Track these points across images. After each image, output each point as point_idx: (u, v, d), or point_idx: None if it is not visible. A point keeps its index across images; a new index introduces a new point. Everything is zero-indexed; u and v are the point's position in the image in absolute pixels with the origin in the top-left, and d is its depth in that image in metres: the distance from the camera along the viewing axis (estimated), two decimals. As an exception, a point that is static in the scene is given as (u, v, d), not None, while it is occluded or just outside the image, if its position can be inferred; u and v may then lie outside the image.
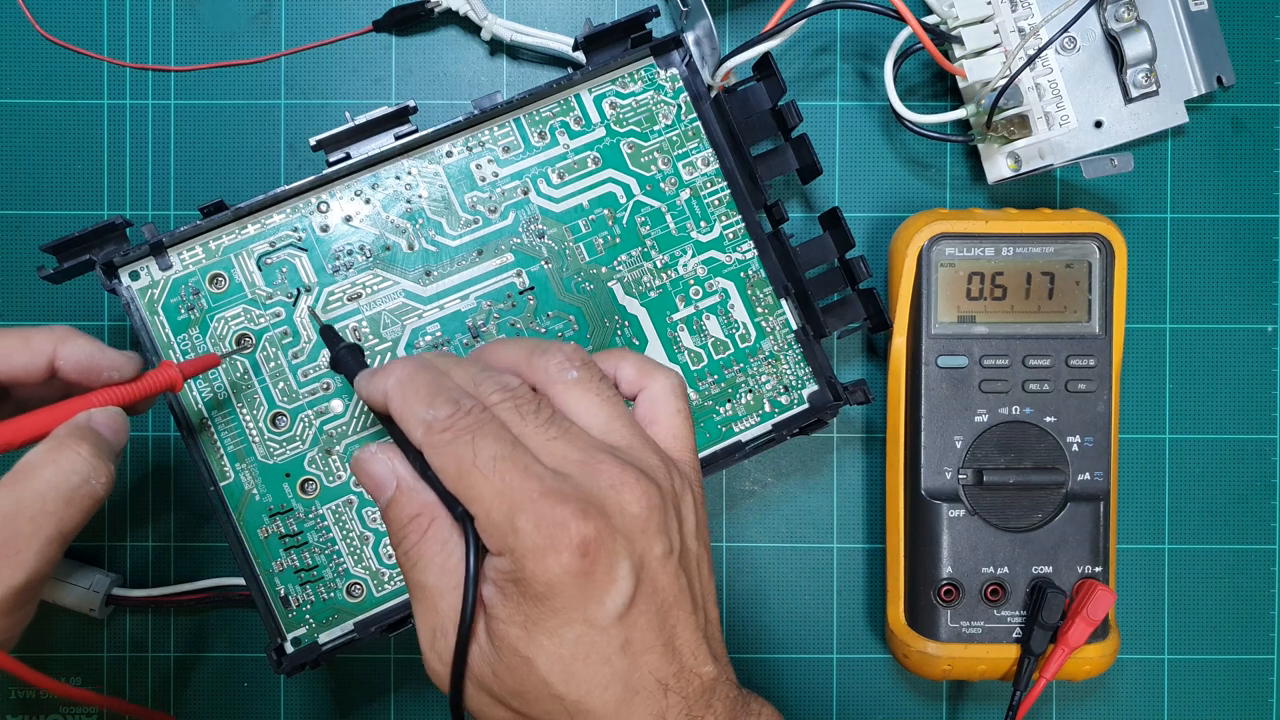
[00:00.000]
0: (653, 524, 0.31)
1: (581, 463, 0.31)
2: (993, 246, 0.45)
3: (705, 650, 0.32)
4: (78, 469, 0.33)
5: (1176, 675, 0.49)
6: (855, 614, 0.49)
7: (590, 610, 0.30)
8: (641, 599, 0.30)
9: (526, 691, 0.30)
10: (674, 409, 0.34)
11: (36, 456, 0.33)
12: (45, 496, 0.33)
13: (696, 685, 0.31)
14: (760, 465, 0.49)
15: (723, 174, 0.45)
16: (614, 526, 0.30)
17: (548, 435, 0.32)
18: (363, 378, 0.35)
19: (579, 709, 0.30)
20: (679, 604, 0.31)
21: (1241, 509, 0.49)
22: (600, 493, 0.30)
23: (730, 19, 0.49)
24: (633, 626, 0.30)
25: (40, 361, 0.36)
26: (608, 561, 0.30)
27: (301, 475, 0.42)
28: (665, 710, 0.31)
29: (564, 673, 0.30)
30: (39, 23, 0.47)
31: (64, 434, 0.34)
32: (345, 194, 0.43)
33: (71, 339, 0.36)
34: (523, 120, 0.44)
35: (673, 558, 0.31)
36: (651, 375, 0.35)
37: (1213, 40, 0.47)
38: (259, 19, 0.48)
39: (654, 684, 0.31)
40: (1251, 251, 0.49)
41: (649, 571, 0.31)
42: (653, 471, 0.32)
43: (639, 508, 0.31)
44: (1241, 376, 0.49)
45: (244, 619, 0.48)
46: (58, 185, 0.48)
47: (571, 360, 0.33)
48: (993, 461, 0.45)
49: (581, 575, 0.29)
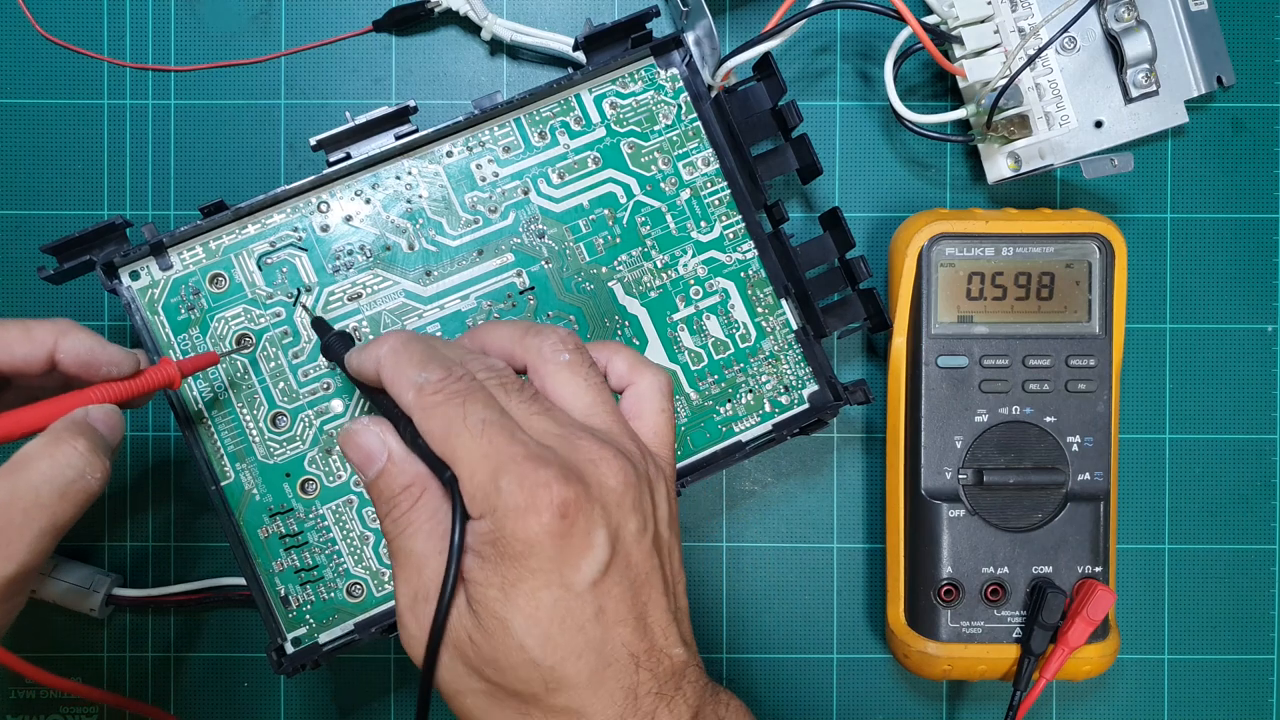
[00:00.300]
0: (628, 499, 0.32)
1: (562, 437, 0.32)
2: (993, 246, 0.45)
3: (676, 633, 0.33)
4: (73, 463, 0.33)
5: (1176, 675, 0.49)
6: (855, 614, 0.49)
7: (566, 573, 0.30)
8: (615, 570, 0.31)
9: (501, 658, 0.31)
10: (659, 407, 0.35)
11: (33, 450, 0.34)
12: (40, 489, 0.33)
13: (667, 665, 0.32)
14: (760, 465, 0.49)
15: (723, 174, 0.45)
16: (592, 495, 0.31)
17: (531, 410, 0.32)
18: (353, 353, 0.35)
19: (553, 676, 0.30)
20: (651, 583, 0.32)
21: (1241, 509, 0.49)
22: (580, 464, 0.31)
23: (730, 19, 0.49)
24: (606, 596, 0.31)
25: (41, 353, 0.36)
26: (585, 526, 0.30)
27: (302, 475, 0.42)
28: (637, 685, 0.31)
29: (541, 636, 0.30)
30: (39, 23, 0.47)
31: (61, 428, 0.34)
32: (345, 194, 0.43)
33: (72, 332, 0.36)
34: (523, 120, 0.44)
35: (646, 536, 0.32)
36: (641, 372, 0.35)
37: (1213, 40, 0.47)
38: (259, 19, 0.48)
39: (626, 656, 0.31)
40: (1251, 251, 0.49)
41: (624, 544, 0.32)
42: (629, 454, 0.33)
43: (616, 481, 0.31)
44: (1241, 376, 0.49)
45: (244, 619, 0.48)
46: (58, 185, 0.48)
47: (565, 343, 0.34)
48: (993, 461, 0.45)
49: (560, 536, 0.30)
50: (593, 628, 0.31)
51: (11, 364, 0.35)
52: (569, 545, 0.30)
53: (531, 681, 0.31)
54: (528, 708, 0.31)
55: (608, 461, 0.32)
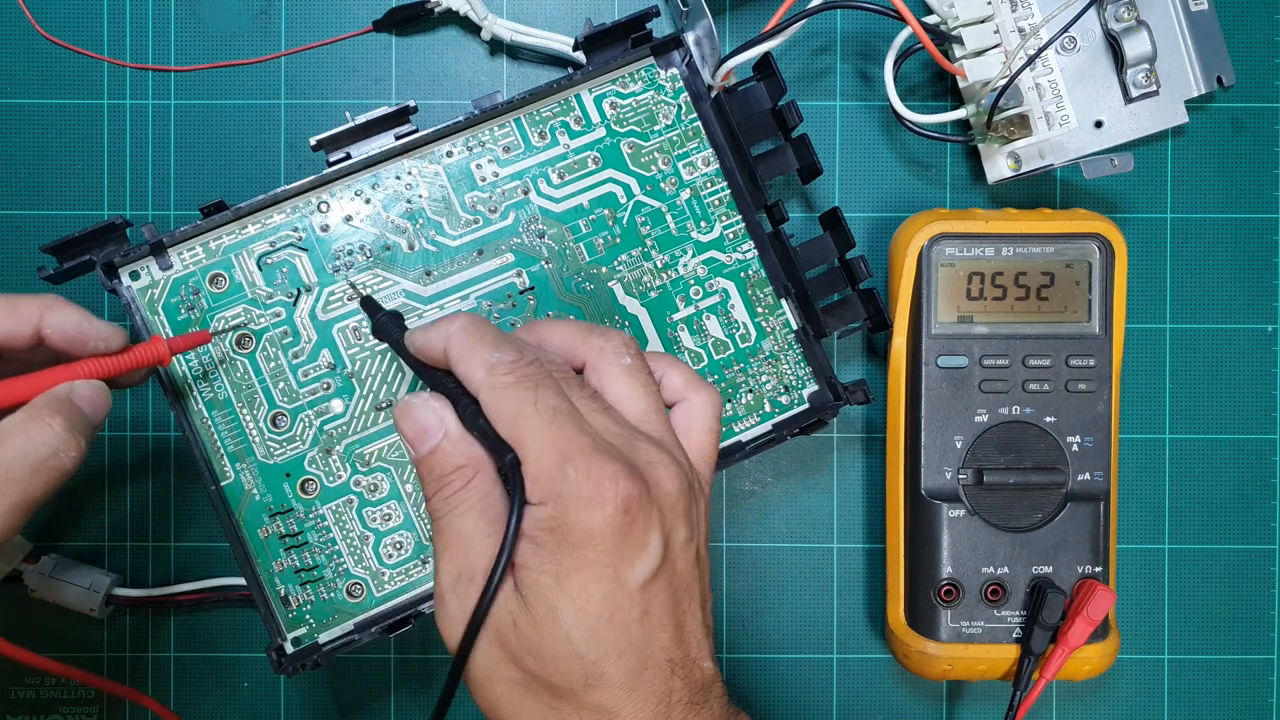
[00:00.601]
0: (680, 507, 0.32)
1: (622, 436, 0.32)
2: (993, 246, 0.45)
3: (707, 647, 0.33)
4: (48, 441, 0.34)
5: (1176, 675, 0.49)
6: (855, 614, 0.49)
7: (621, 569, 0.30)
8: (664, 574, 0.31)
9: (545, 647, 0.30)
10: (708, 428, 0.35)
11: (10, 425, 0.34)
12: (12, 465, 0.33)
13: (699, 676, 0.32)
14: (760, 465, 0.49)
15: (723, 174, 0.45)
16: (652, 497, 0.31)
17: (592, 407, 0.33)
18: (418, 330, 0.35)
19: (595, 671, 0.30)
20: (690, 593, 0.32)
21: (1241, 509, 0.49)
22: (640, 465, 0.31)
23: (730, 19, 0.49)
24: (653, 599, 0.31)
25: (26, 329, 0.36)
26: (644, 525, 0.31)
27: (302, 475, 0.42)
28: (671, 691, 0.31)
29: (588, 629, 0.30)
30: (39, 23, 0.47)
31: (41, 404, 0.34)
32: (345, 194, 0.43)
33: (59, 307, 0.36)
34: (523, 120, 0.44)
35: (692, 547, 0.33)
36: (696, 389, 0.36)
37: (1213, 40, 0.47)
38: (259, 19, 0.48)
39: (665, 661, 0.31)
40: (1251, 251, 0.49)
41: (673, 551, 0.32)
42: (682, 464, 0.33)
43: (672, 487, 0.32)
44: (1241, 376, 0.49)
45: (244, 619, 0.48)
46: (58, 185, 0.48)
47: (628, 346, 0.34)
48: (993, 461, 0.45)
49: (620, 532, 0.30)
50: (637, 628, 0.31)
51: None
52: (627, 541, 0.30)
53: (572, 675, 0.30)
54: (560, 702, 0.31)
55: (665, 466, 0.32)
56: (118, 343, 0.37)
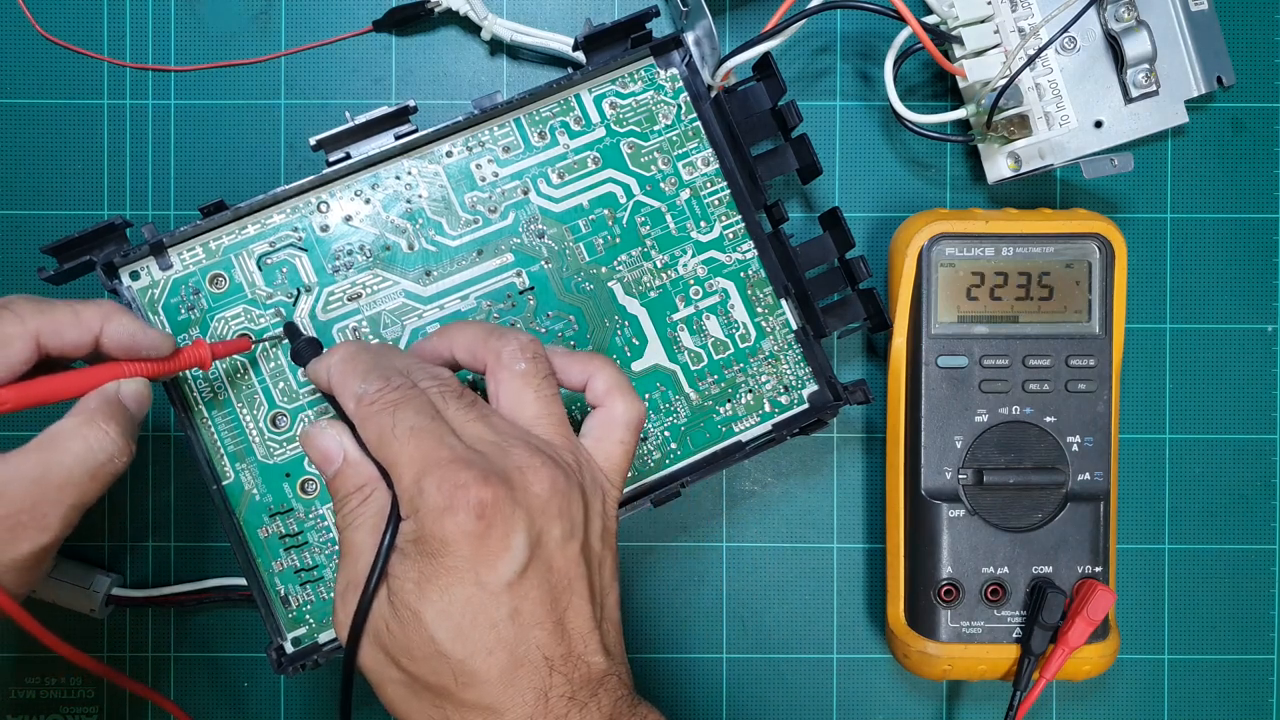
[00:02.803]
0: (554, 506, 0.33)
1: (495, 444, 0.33)
2: (993, 246, 0.45)
3: (597, 641, 0.33)
4: (105, 447, 0.35)
5: (1176, 675, 0.49)
6: (855, 614, 0.49)
7: (481, 572, 0.31)
8: (534, 573, 0.32)
9: (414, 648, 0.32)
10: (619, 438, 0.36)
11: (66, 428, 0.35)
12: (72, 470, 0.34)
13: (584, 672, 0.33)
14: (760, 465, 0.49)
15: (723, 174, 0.45)
16: (515, 499, 0.32)
17: (467, 417, 0.34)
18: (311, 362, 0.38)
19: (463, 669, 0.31)
20: (574, 589, 0.33)
21: (1241, 509, 0.49)
22: (508, 470, 0.32)
23: (730, 19, 0.49)
24: (523, 598, 0.32)
25: (88, 338, 0.36)
26: (504, 529, 0.32)
27: (301, 475, 0.42)
28: (549, 688, 0.32)
29: (452, 630, 0.31)
30: (39, 23, 0.47)
31: (94, 407, 0.35)
32: (345, 194, 0.43)
33: (117, 316, 0.37)
34: (523, 120, 0.44)
35: (573, 543, 0.33)
36: (616, 398, 0.36)
37: (1213, 40, 0.47)
38: (259, 19, 0.48)
39: (540, 659, 0.32)
40: (1251, 251, 0.49)
41: (545, 550, 0.33)
42: (564, 464, 0.34)
43: (542, 488, 0.33)
44: (1241, 376, 0.49)
45: (244, 619, 0.48)
46: (58, 185, 0.48)
47: (524, 350, 0.35)
48: (993, 461, 0.45)
49: (476, 537, 0.31)
50: (506, 626, 0.32)
51: (61, 348, 0.36)
52: (485, 546, 0.31)
53: (442, 673, 0.32)
54: (442, 700, 0.32)
55: (535, 469, 0.33)
56: (166, 350, 0.38)
